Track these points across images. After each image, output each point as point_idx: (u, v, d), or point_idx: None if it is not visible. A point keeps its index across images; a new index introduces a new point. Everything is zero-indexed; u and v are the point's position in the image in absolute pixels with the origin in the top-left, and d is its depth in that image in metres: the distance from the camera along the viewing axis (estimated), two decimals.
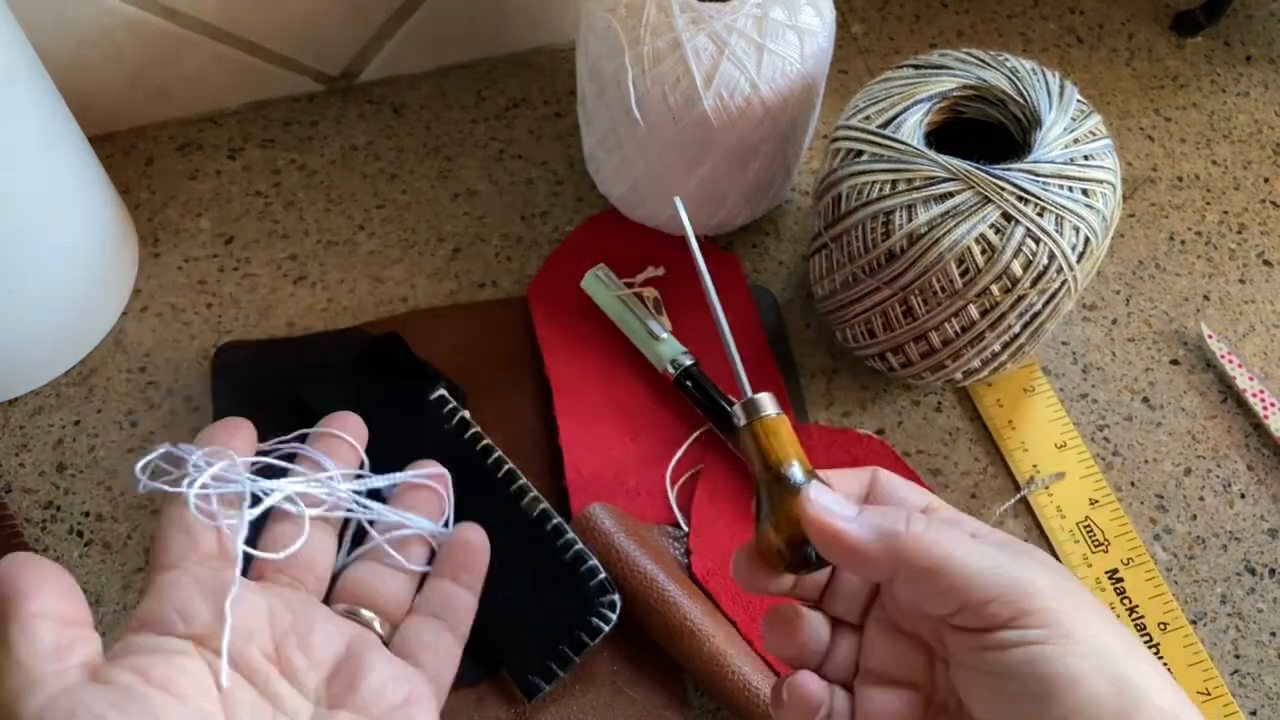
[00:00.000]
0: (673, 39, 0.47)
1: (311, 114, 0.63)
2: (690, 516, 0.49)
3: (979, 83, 0.48)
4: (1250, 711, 0.46)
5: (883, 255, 0.46)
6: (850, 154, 0.47)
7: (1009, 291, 0.45)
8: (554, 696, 0.45)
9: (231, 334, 0.55)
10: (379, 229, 0.59)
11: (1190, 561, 0.50)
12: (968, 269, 0.45)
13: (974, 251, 0.44)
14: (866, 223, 0.46)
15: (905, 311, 0.47)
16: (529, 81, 0.64)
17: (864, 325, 0.50)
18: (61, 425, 0.52)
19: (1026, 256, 0.44)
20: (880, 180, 0.46)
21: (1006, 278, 0.45)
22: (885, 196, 0.46)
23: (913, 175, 0.45)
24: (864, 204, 0.46)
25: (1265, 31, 0.67)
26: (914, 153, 0.46)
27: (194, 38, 0.57)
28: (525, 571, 0.46)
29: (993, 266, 0.44)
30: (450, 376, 0.52)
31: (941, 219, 0.44)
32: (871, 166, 0.46)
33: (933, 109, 0.48)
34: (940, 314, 0.47)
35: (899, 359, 0.50)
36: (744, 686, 0.44)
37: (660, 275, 0.55)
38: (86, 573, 0.48)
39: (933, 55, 0.50)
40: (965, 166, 0.45)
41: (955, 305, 0.46)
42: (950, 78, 0.48)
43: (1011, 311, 0.46)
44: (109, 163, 0.60)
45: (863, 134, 0.47)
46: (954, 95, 0.48)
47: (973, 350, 0.48)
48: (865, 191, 0.46)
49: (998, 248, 0.44)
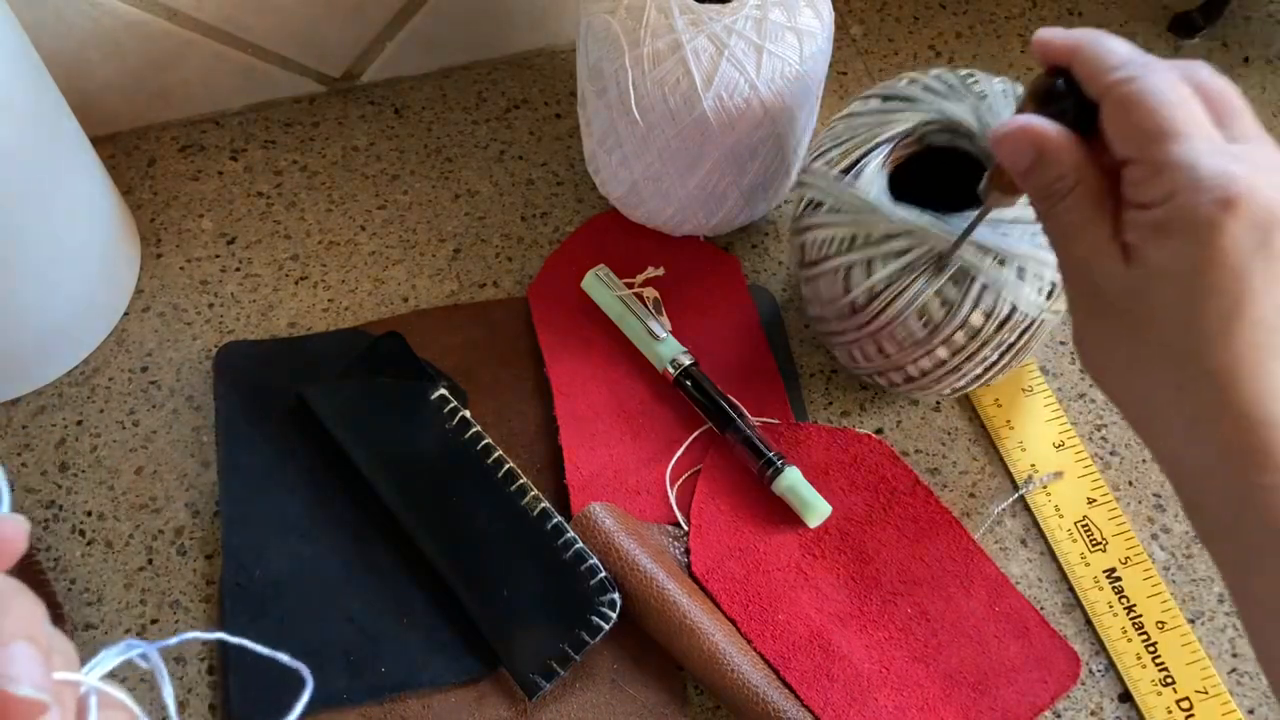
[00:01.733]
0: (673, 40, 0.47)
1: (313, 115, 0.63)
2: (690, 516, 0.49)
3: (941, 117, 0.48)
4: (1248, 710, 0.46)
5: (847, 306, 0.46)
6: (812, 204, 0.48)
7: (974, 338, 0.45)
8: (554, 694, 0.45)
9: (233, 334, 0.55)
10: (380, 229, 0.59)
11: (1188, 560, 0.50)
12: (928, 321, 0.45)
13: (932, 307, 0.44)
14: (829, 274, 0.47)
15: (878, 350, 0.48)
16: (529, 83, 0.65)
17: (846, 353, 0.50)
18: (64, 425, 0.52)
19: (986, 308, 0.44)
20: (840, 235, 0.46)
21: (969, 327, 0.45)
22: (844, 252, 0.46)
23: (870, 230, 0.45)
24: (824, 258, 0.47)
25: (1263, 33, 0.68)
26: (869, 208, 0.46)
27: (196, 39, 0.58)
28: (525, 570, 0.46)
29: (952, 320, 0.45)
30: (450, 376, 0.53)
31: (899, 274, 0.45)
32: (831, 220, 0.47)
33: (896, 147, 0.48)
34: (910, 355, 0.47)
35: (885, 380, 0.51)
36: (743, 684, 0.44)
37: (660, 275, 0.55)
38: (88, 572, 0.49)
39: (899, 83, 0.49)
40: (921, 221, 0.45)
41: (923, 350, 0.46)
42: (915, 112, 0.48)
43: (985, 347, 0.46)
44: (111, 163, 0.60)
45: (823, 184, 0.47)
46: (918, 131, 0.48)
47: (954, 376, 0.48)
48: (825, 245, 0.47)
49: (955, 302, 0.44)
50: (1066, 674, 0.47)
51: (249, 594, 0.47)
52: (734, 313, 0.55)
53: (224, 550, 0.48)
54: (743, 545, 0.49)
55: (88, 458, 0.52)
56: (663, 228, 0.56)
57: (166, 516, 0.50)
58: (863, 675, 0.46)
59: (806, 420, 0.53)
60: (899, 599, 0.48)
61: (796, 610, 0.47)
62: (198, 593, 0.48)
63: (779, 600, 0.48)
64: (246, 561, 0.47)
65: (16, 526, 0.29)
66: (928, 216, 0.45)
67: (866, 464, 0.51)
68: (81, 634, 0.47)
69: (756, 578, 0.48)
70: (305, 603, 0.47)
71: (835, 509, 0.49)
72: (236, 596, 0.47)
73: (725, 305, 0.56)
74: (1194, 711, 0.46)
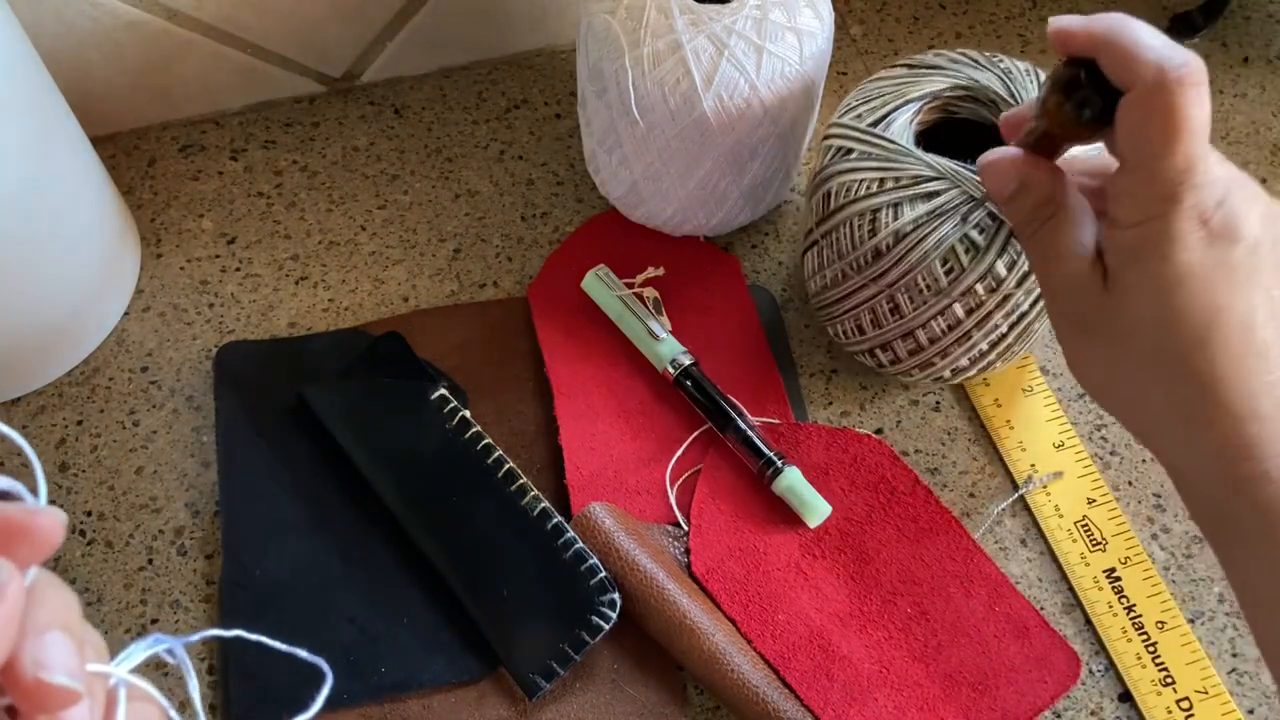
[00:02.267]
0: (673, 40, 0.47)
1: (313, 115, 0.63)
2: (690, 516, 0.50)
3: (971, 83, 0.48)
4: (1248, 710, 0.46)
5: (869, 252, 0.46)
6: (840, 151, 0.48)
7: (994, 291, 0.45)
8: (554, 694, 0.45)
9: (233, 334, 0.55)
10: (380, 229, 0.59)
11: (1188, 560, 0.50)
12: (952, 268, 0.45)
13: (958, 251, 0.45)
14: (854, 220, 0.47)
15: (892, 309, 0.48)
16: (530, 83, 0.65)
17: (853, 322, 0.50)
18: (64, 425, 0.52)
19: (1011, 257, 0.44)
20: (868, 178, 0.46)
21: (991, 277, 0.45)
22: (872, 194, 0.46)
23: (900, 174, 0.46)
24: (852, 201, 0.47)
25: (1263, 33, 0.68)
26: (901, 151, 0.46)
27: (196, 39, 0.58)
28: (525, 570, 0.46)
29: (977, 266, 0.45)
30: (450, 376, 0.53)
31: (927, 218, 0.45)
32: (860, 164, 0.47)
33: (924, 108, 0.48)
34: (926, 312, 0.47)
35: (888, 355, 0.50)
36: (743, 684, 0.44)
37: (660, 275, 0.55)
38: (89, 572, 0.49)
39: (927, 55, 0.50)
40: (952, 166, 0.45)
41: (941, 304, 0.46)
42: (942, 78, 0.49)
43: (998, 311, 0.46)
44: (111, 163, 0.60)
45: (853, 131, 0.48)
46: (945, 95, 0.48)
47: (960, 349, 0.48)
48: (853, 189, 0.47)
49: (982, 247, 0.44)
50: (1066, 674, 0.47)
51: (249, 594, 0.47)
52: (734, 313, 0.55)
53: (224, 550, 0.48)
54: (743, 545, 0.49)
55: (88, 458, 0.52)
56: (663, 228, 0.56)
57: (166, 516, 0.50)
58: (862, 675, 0.46)
59: (806, 420, 0.53)
60: (899, 599, 0.48)
61: (796, 610, 0.47)
62: (198, 593, 0.48)
63: (779, 600, 0.48)
64: (246, 561, 0.47)
65: (53, 519, 0.29)
66: (958, 164, 0.45)
67: (866, 464, 0.51)
68: None
69: (756, 578, 0.48)
70: (305, 602, 0.47)
71: (835, 509, 0.49)
72: (236, 596, 0.47)
73: (725, 305, 0.56)
74: (1194, 711, 0.46)
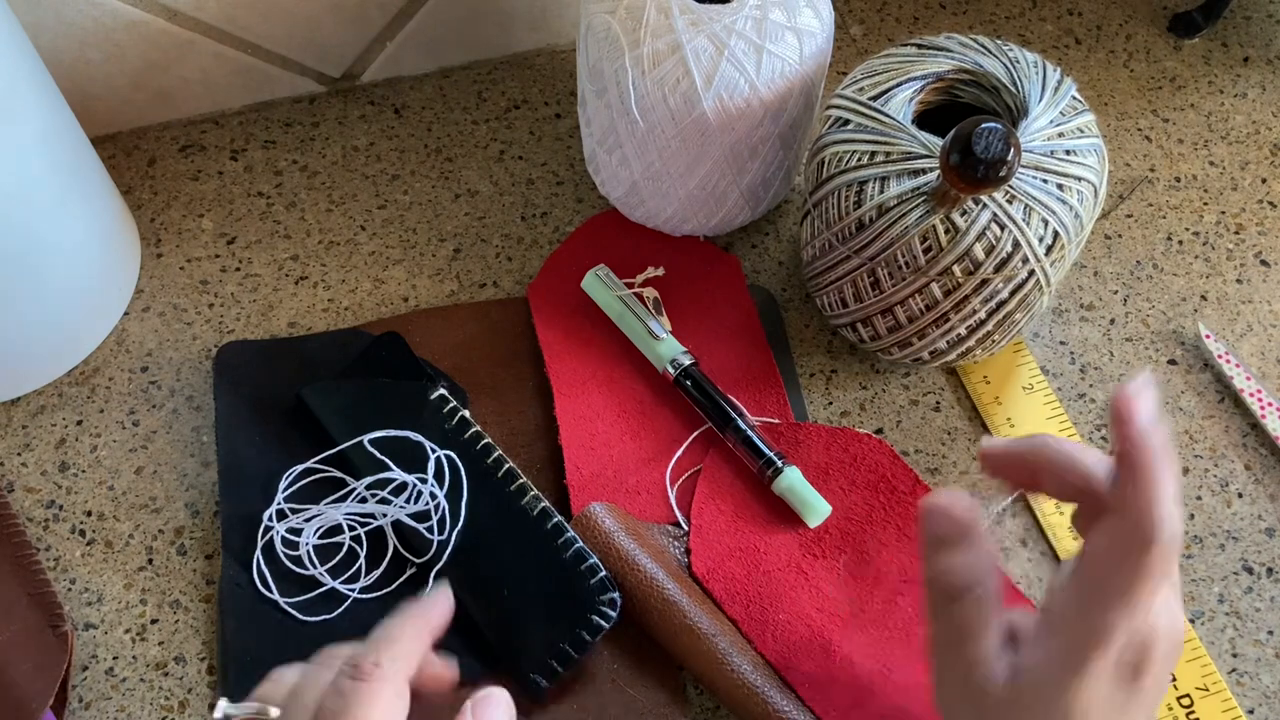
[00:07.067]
0: (673, 40, 0.47)
1: (313, 115, 0.63)
2: (690, 516, 0.50)
3: (975, 67, 0.49)
4: (1248, 710, 0.46)
5: (853, 224, 0.47)
6: (838, 122, 0.48)
7: (971, 275, 0.46)
8: (554, 694, 0.45)
9: (233, 334, 0.55)
10: (380, 229, 0.59)
11: (1188, 561, 0.50)
12: (930, 246, 0.45)
13: (938, 230, 0.45)
14: (842, 190, 0.47)
15: (873, 283, 0.48)
16: (529, 83, 0.65)
17: (837, 294, 0.51)
18: (64, 425, 0.52)
19: (990, 241, 0.45)
20: (860, 150, 0.47)
21: (969, 260, 0.45)
22: (862, 166, 0.46)
23: (891, 149, 0.46)
24: (841, 171, 0.47)
25: (1263, 33, 0.68)
26: (896, 127, 0.47)
27: (196, 39, 0.58)
28: (526, 570, 0.46)
29: (955, 247, 0.45)
30: (450, 376, 0.53)
31: (912, 194, 0.45)
32: (854, 136, 0.47)
33: (926, 88, 0.49)
34: (905, 289, 0.47)
35: (868, 330, 0.51)
36: (743, 684, 0.44)
37: (660, 275, 0.55)
38: (89, 572, 0.49)
39: (938, 37, 0.51)
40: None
41: (919, 282, 0.47)
42: (948, 59, 0.49)
43: (975, 296, 0.46)
44: (111, 163, 0.60)
45: (852, 103, 0.48)
46: (949, 77, 0.49)
47: (938, 330, 0.49)
48: (844, 160, 0.47)
49: (961, 229, 0.45)
50: None
51: (249, 594, 0.47)
52: (734, 313, 0.55)
53: (224, 550, 0.48)
54: (743, 545, 0.49)
55: (88, 458, 0.52)
56: (663, 228, 0.56)
57: (166, 516, 0.50)
58: (863, 675, 0.46)
59: (806, 420, 0.53)
60: (899, 599, 0.48)
61: (797, 610, 0.47)
62: (198, 593, 0.48)
63: (779, 600, 0.48)
64: (246, 561, 0.47)
65: (448, 598, 0.37)
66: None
67: (866, 464, 0.51)
68: (82, 634, 0.47)
69: (757, 578, 0.48)
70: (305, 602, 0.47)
71: (835, 509, 0.49)
72: (236, 596, 0.47)
73: (725, 305, 0.56)
74: (1195, 709, 0.46)
